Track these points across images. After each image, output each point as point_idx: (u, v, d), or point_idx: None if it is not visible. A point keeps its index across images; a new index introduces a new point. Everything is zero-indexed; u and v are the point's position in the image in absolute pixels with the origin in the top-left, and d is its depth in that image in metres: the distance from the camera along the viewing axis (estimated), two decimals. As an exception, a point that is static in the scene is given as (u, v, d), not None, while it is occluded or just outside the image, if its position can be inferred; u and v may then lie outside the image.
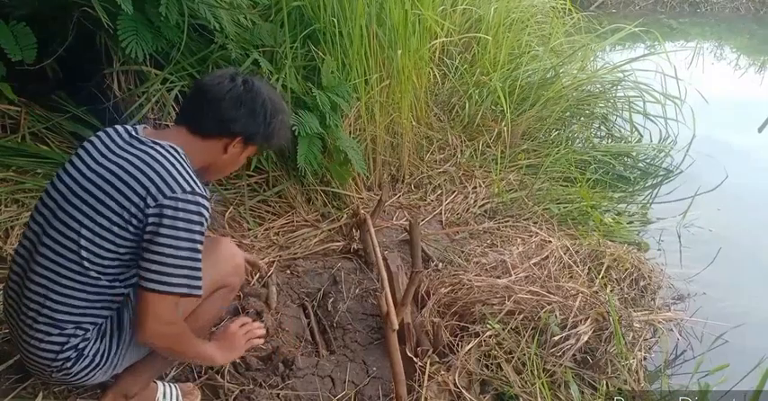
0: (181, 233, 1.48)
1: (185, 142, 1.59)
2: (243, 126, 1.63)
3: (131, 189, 1.48)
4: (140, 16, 2.47)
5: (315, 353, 2.28)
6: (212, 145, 1.64)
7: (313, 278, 2.65)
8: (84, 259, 1.50)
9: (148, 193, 1.47)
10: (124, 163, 1.51)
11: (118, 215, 1.48)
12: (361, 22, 3.09)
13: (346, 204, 3.22)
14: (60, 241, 1.51)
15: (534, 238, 3.09)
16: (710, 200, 3.88)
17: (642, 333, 2.53)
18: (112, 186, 1.49)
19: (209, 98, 1.60)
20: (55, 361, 1.58)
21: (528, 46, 4.87)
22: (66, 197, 1.53)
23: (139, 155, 1.52)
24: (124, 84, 2.77)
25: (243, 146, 1.68)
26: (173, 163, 1.51)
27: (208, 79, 1.64)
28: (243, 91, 1.62)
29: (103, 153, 1.55)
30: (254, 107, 1.63)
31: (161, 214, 1.47)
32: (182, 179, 1.50)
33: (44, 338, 1.56)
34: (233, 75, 1.64)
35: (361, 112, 3.32)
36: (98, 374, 1.63)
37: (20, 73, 2.55)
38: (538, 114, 4.33)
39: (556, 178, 3.92)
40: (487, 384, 2.17)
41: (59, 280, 1.52)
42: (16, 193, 2.51)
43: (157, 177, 1.48)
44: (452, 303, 2.51)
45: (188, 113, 1.65)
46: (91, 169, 1.53)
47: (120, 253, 1.52)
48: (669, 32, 8.69)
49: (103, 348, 1.61)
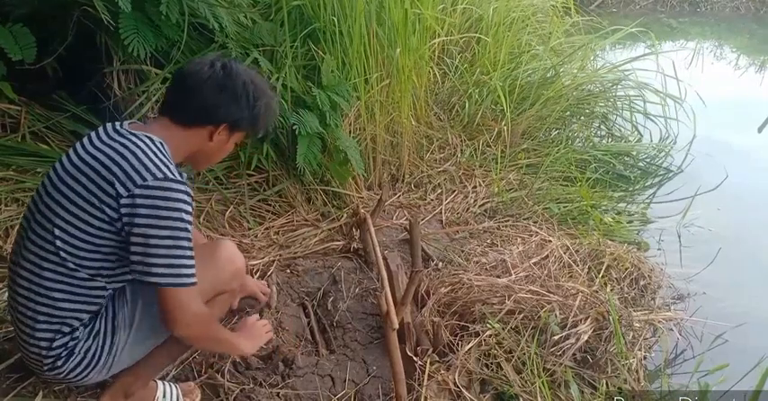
0: (161, 221, 1.45)
1: (168, 132, 1.58)
2: (226, 112, 1.60)
3: (102, 177, 1.47)
4: (141, 15, 2.47)
5: (315, 352, 2.28)
6: (196, 133, 1.61)
7: (313, 277, 2.65)
8: (60, 249, 1.50)
9: (118, 181, 1.45)
10: (99, 154, 1.51)
11: (89, 203, 1.47)
12: (362, 20, 3.09)
13: (346, 203, 3.22)
14: (40, 233, 1.53)
15: (534, 238, 3.09)
16: (710, 199, 3.88)
17: (642, 332, 2.53)
18: (86, 176, 1.49)
19: (189, 86, 1.58)
20: (46, 358, 1.58)
21: (528, 45, 4.87)
22: (46, 190, 1.54)
23: (114, 146, 1.51)
24: (124, 83, 2.77)
25: (228, 132, 1.66)
26: (144, 151, 1.49)
27: (187, 67, 1.61)
28: (223, 75, 1.58)
29: (85, 147, 1.55)
30: (236, 91, 1.60)
31: (134, 204, 1.45)
32: (153, 166, 1.47)
33: (32, 333, 1.57)
34: (212, 61, 1.60)
35: (361, 112, 3.32)
36: (92, 373, 1.63)
37: (20, 72, 2.55)
38: (538, 113, 4.33)
39: (556, 177, 3.92)
40: (487, 383, 2.17)
41: (41, 272, 1.53)
42: (16, 192, 2.51)
43: (128, 165, 1.46)
44: (452, 302, 2.51)
45: (169, 103, 1.62)
46: (71, 162, 1.53)
47: (97, 243, 1.50)
48: (669, 32, 8.69)
49: (96, 347, 1.61)
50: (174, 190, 1.47)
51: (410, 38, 3.39)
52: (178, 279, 1.49)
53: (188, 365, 2.09)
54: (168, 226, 1.46)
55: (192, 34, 2.76)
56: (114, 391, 1.73)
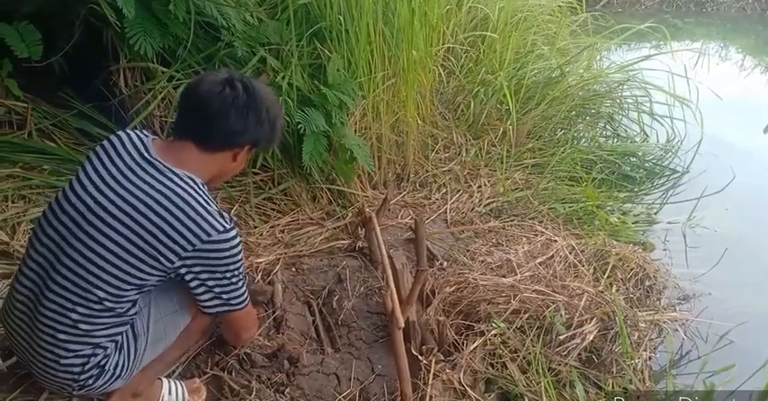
0: (229, 266, 1.57)
1: (197, 161, 1.57)
2: (252, 134, 1.62)
3: (161, 230, 1.47)
4: (148, 13, 2.48)
5: (320, 351, 2.28)
6: (222, 157, 1.62)
7: (318, 276, 2.65)
8: (103, 299, 1.50)
9: (182, 237, 1.48)
10: (148, 199, 1.47)
11: (145, 253, 1.48)
12: (368, 20, 3.09)
13: (351, 202, 3.22)
14: (77, 271, 1.49)
15: (539, 237, 3.08)
16: (716, 200, 3.87)
17: (647, 332, 2.52)
18: (138, 224, 1.47)
19: (215, 111, 1.55)
20: (77, 382, 1.58)
21: (534, 45, 4.86)
22: (80, 225, 1.49)
23: (163, 190, 1.49)
24: (131, 81, 2.77)
25: (248, 152, 1.69)
26: (197, 200, 1.51)
27: (204, 87, 1.56)
28: (246, 98, 1.57)
29: (118, 179, 1.50)
30: (260, 114, 1.61)
31: (201, 257, 1.51)
32: (212, 219, 1.50)
33: (58, 360, 1.55)
34: (230, 81, 1.56)
35: (366, 111, 3.32)
36: (118, 383, 1.65)
37: (26, 69, 2.56)
38: (543, 113, 4.32)
39: (561, 177, 3.91)
40: (492, 383, 2.17)
41: (75, 308, 1.50)
42: (23, 189, 2.52)
43: (189, 220, 1.48)
44: (457, 302, 2.51)
45: (193, 128, 1.58)
46: (107, 197, 1.48)
47: (140, 285, 1.53)
48: (675, 32, 8.66)
49: (122, 360, 1.62)
50: (232, 238, 1.54)
51: (416, 37, 3.38)
52: (241, 305, 1.67)
53: (193, 362, 2.09)
54: (231, 269, 1.58)
55: (198, 33, 2.76)
56: (123, 391, 1.74)
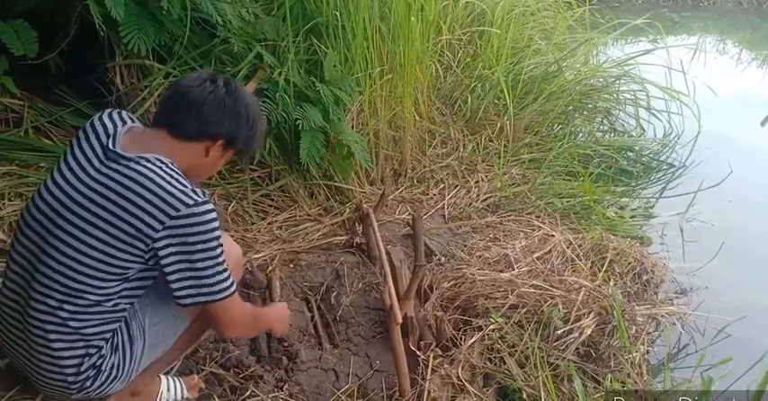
0: (198, 245, 1.48)
1: (168, 147, 1.55)
2: (226, 128, 1.59)
3: (129, 213, 1.44)
4: (143, 10, 2.47)
5: (318, 347, 2.29)
6: (194, 147, 1.59)
7: (316, 272, 2.65)
8: (83, 291, 1.49)
9: (149, 216, 1.44)
10: (113, 184, 1.46)
11: (118, 239, 1.46)
12: (364, 15, 3.08)
13: (349, 198, 3.22)
14: (58, 269, 1.48)
15: (537, 232, 3.09)
16: (713, 194, 3.87)
17: (645, 326, 2.54)
18: (107, 211, 1.45)
19: (191, 100, 1.55)
20: (74, 384, 1.57)
21: (531, 39, 4.85)
22: (54, 222, 1.49)
23: (128, 173, 1.46)
24: (127, 78, 2.77)
25: (223, 149, 1.64)
26: (163, 177, 1.47)
27: (186, 81, 1.59)
28: (225, 92, 1.58)
29: (87, 172, 1.49)
30: (238, 110, 1.59)
31: (172, 235, 1.45)
32: (180, 193, 1.46)
33: (54, 362, 1.54)
34: (213, 77, 1.59)
35: (363, 106, 3.32)
36: (117, 384, 1.64)
37: (23, 67, 2.55)
38: (541, 108, 4.32)
39: (558, 172, 3.91)
40: (490, 377, 2.18)
41: (62, 305, 1.49)
42: (19, 187, 2.51)
43: (155, 197, 1.44)
44: (455, 297, 2.52)
45: (168, 116, 1.58)
46: (78, 192, 1.48)
47: (121, 274, 1.51)
48: (671, 26, 8.65)
49: (118, 361, 1.61)
50: (204, 212, 1.48)
51: (413, 32, 3.38)
52: (220, 294, 1.54)
53: (191, 359, 2.09)
54: (204, 248, 1.49)
55: (194, 29, 2.75)
56: (122, 390, 1.73)
